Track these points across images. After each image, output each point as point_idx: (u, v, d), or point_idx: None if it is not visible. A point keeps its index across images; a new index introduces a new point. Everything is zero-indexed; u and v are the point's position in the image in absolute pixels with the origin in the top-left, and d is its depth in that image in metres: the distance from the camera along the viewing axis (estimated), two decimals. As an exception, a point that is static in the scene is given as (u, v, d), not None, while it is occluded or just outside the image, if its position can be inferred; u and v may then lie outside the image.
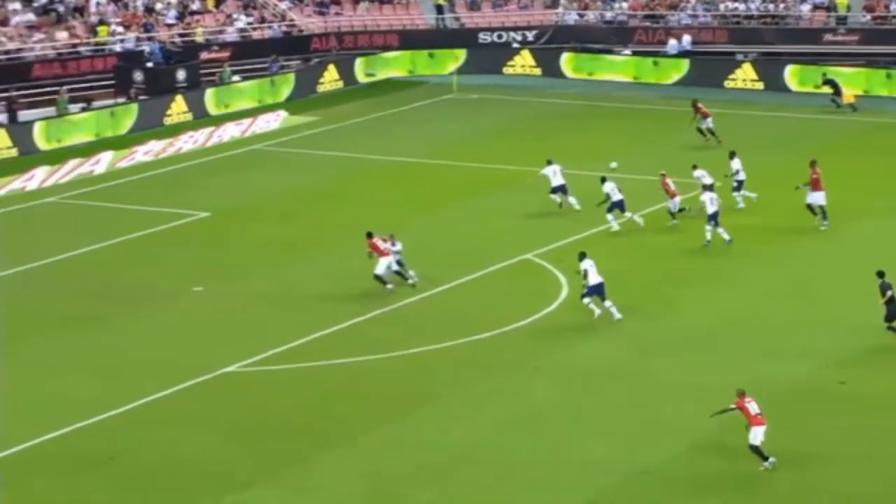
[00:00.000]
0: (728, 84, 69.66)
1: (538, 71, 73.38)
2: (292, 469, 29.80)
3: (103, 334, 37.78)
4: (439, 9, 77.05)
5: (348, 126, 63.07)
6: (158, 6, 71.55)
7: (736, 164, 47.41)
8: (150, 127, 61.96)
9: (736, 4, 75.30)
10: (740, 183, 47.26)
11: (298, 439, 31.22)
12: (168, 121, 63.50)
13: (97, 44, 67.18)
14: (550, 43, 74.92)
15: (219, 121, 63.21)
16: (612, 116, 61.66)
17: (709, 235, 43.38)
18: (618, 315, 37.44)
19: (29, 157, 57.19)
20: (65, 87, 62.85)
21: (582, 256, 38.00)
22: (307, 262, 42.85)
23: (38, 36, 66.02)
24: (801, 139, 57.40)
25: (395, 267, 40.19)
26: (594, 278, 37.42)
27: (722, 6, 75.52)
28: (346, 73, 71.66)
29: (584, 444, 30.58)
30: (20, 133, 58.56)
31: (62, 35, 66.62)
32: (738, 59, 71.57)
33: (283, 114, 64.90)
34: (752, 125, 61.38)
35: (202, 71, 67.63)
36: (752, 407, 29.26)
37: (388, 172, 53.48)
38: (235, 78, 68.03)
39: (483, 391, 33.74)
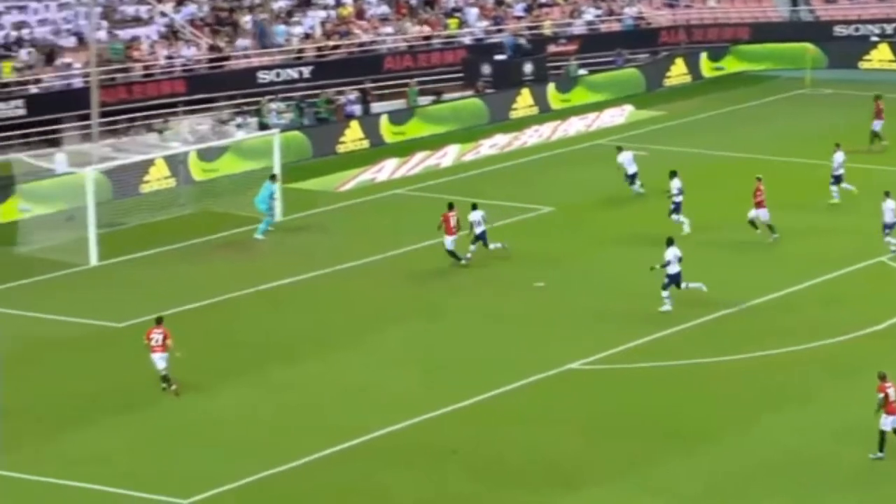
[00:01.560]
0: None
1: (896, 66, 70.83)
2: (640, 468, 29.40)
3: (444, 327, 38.04)
4: (794, 1, 75.22)
5: (694, 121, 62.04)
6: (508, -2, 71.97)
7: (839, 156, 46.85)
8: (496, 120, 62.29)
9: None
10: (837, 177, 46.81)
11: (645, 438, 30.81)
12: (514, 114, 63.71)
13: (447, 37, 67.97)
14: (911, 36, 72.19)
15: (564, 115, 63.08)
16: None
17: None
18: (703, 287, 37.87)
19: (379, 148, 58.23)
20: (415, 80, 63.78)
21: (669, 243, 37.87)
22: (651, 259, 42.24)
23: (390, 28, 67.27)
24: None
25: (450, 247, 41.80)
26: (672, 268, 37.55)
27: None
28: (695, 68, 70.53)
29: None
30: (371, 125, 59.67)
31: (413, 28, 67.65)
32: None
33: (628, 108, 64.35)
34: None
35: (549, 64, 67.63)
36: (892, 393, 28.79)
37: (734, 169, 52.45)
38: (581, 72, 67.78)
39: (833, 396, 32.88)
